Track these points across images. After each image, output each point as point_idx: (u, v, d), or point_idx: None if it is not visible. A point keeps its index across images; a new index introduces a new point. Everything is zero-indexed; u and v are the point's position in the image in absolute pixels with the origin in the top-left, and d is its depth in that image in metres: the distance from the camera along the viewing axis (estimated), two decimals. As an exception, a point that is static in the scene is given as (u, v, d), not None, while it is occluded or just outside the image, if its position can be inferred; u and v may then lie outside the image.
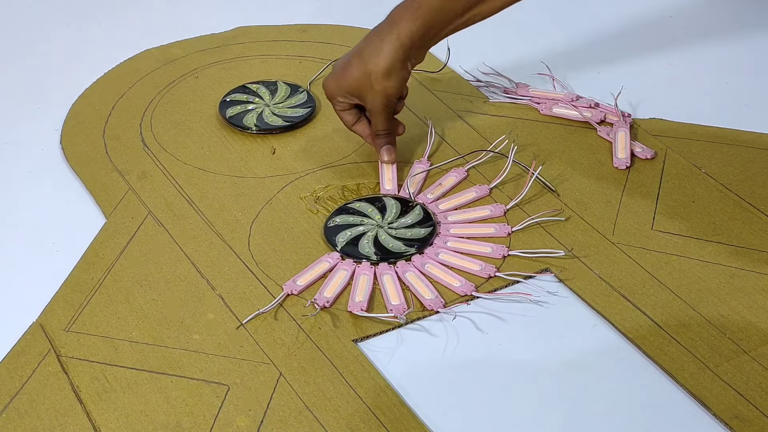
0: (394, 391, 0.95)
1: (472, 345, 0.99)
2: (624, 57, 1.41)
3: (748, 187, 1.16)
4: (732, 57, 1.41)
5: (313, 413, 0.93)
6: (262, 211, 1.15)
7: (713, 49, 1.43)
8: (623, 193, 1.16)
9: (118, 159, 1.24)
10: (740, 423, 0.91)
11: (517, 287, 1.05)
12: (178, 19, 1.53)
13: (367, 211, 1.14)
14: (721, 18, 1.50)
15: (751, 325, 0.99)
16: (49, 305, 1.04)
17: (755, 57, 1.41)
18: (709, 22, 1.49)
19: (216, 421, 0.92)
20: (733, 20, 1.49)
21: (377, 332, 1.01)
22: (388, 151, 1.18)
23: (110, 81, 1.38)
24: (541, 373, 0.97)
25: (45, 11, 1.56)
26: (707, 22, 1.49)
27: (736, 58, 1.41)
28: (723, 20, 1.49)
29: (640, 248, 1.08)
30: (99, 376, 0.96)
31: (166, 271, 1.08)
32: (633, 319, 1.01)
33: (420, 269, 1.07)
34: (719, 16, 1.50)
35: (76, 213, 1.17)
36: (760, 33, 1.46)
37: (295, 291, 1.04)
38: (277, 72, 1.38)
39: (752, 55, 1.42)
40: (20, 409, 0.94)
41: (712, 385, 0.94)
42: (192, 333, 1.01)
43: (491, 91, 1.34)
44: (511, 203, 1.14)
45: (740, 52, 1.42)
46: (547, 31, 1.47)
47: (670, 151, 1.21)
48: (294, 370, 0.97)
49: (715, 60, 1.41)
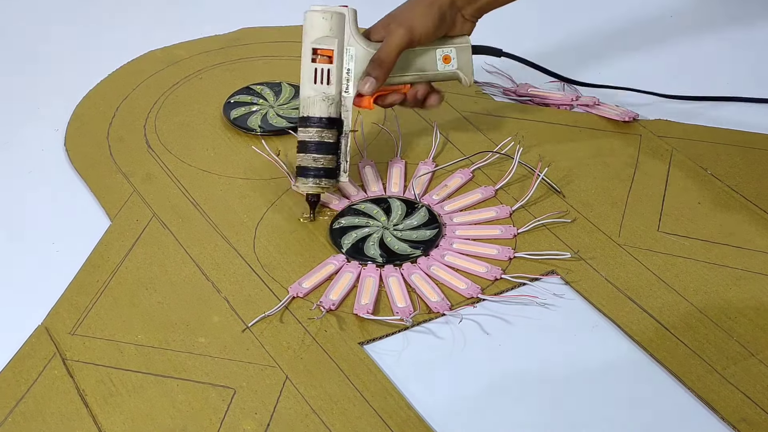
0: (400, 394, 0.94)
1: (478, 347, 0.99)
2: (624, 57, 1.41)
3: (754, 188, 1.16)
4: (732, 57, 1.41)
5: (320, 416, 0.92)
6: (267, 213, 1.15)
7: (714, 48, 1.43)
8: (629, 194, 1.16)
9: (123, 161, 1.24)
10: (748, 426, 0.90)
11: (523, 289, 1.05)
12: (182, 20, 1.53)
13: (372, 213, 1.14)
14: (721, 18, 1.50)
15: (758, 328, 0.99)
16: (54, 308, 1.04)
17: (756, 56, 1.41)
18: (710, 21, 1.49)
19: (222, 424, 0.92)
20: (734, 20, 1.49)
21: (383, 335, 1.00)
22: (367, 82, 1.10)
23: (114, 82, 1.38)
24: (548, 375, 0.96)
25: (47, 11, 1.56)
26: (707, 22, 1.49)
27: (737, 57, 1.41)
28: (723, 20, 1.49)
29: (646, 250, 1.08)
30: (104, 380, 0.96)
31: (172, 274, 1.07)
32: (640, 322, 1.00)
33: (426, 271, 1.07)
34: (719, 16, 1.50)
35: (77, 214, 1.17)
36: (761, 33, 1.46)
37: (301, 293, 1.04)
38: (281, 73, 1.38)
39: (753, 55, 1.41)
40: (26, 413, 0.94)
41: (719, 387, 0.94)
42: (197, 336, 1.00)
43: (492, 92, 1.33)
44: (517, 205, 1.14)
45: (741, 51, 1.42)
46: (547, 30, 1.47)
47: (675, 153, 1.21)
48: (300, 373, 0.96)
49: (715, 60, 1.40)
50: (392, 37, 1.09)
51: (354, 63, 1.10)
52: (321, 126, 1.09)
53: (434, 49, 1.12)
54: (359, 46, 1.09)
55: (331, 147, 1.10)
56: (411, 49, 1.11)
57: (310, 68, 1.09)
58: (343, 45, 1.09)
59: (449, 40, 1.13)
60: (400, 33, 1.08)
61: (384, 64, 1.09)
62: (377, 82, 1.09)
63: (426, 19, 1.09)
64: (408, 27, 1.08)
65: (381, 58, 1.09)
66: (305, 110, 1.10)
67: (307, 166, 1.10)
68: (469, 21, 1.13)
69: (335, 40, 1.09)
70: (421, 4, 1.10)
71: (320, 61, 1.09)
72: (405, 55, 1.11)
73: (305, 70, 1.10)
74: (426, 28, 1.09)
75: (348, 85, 1.10)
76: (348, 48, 1.09)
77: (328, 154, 1.10)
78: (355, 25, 1.10)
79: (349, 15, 1.09)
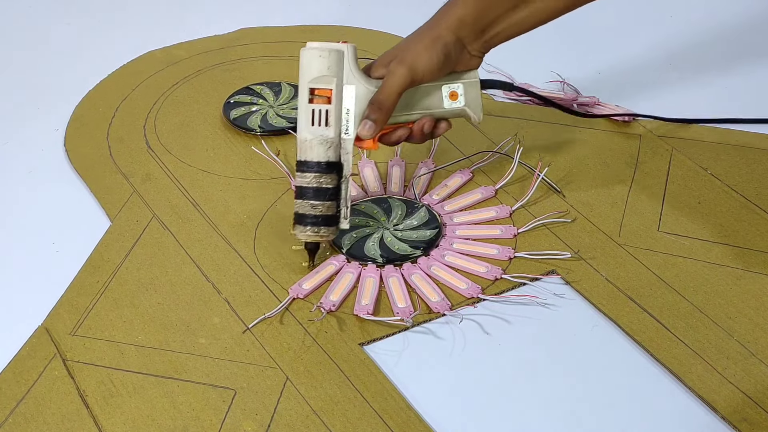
0: (400, 395, 0.94)
1: (478, 348, 0.99)
2: (624, 57, 1.41)
3: (754, 188, 1.16)
4: (733, 57, 1.41)
5: (320, 417, 0.92)
6: (268, 214, 1.15)
7: (714, 48, 1.43)
8: (629, 194, 1.16)
9: (122, 161, 1.24)
10: (749, 426, 0.90)
11: (523, 289, 1.05)
12: (181, 20, 1.53)
13: (372, 213, 1.14)
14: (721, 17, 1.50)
15: (758, 327, 0.99)
16: (55, 309, 1.04)
17: (756, 56, 1.41)
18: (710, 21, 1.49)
19: (223, 425, 0.92)
20: (734, 20, 1.49)
21: (383, 335, 1.00)
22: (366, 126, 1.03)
23: (113, 83, 1.38)
24: (549, 375, 0.96)
25: (46, 12, 1.56)
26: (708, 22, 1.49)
27: (738, 57, 1.41)
28: (723, 20, 1.49)
29: (646, 250, 1.08)
30: (105, 381, 0.96)
31: (172, 275, 1.07)
32: (640, 321, 1.00)
33: (426, 271, 1.07)
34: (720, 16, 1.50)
35: (77, 214, 1.17)
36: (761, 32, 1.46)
37: (301, 295, 1.04)
38: (280, 73, 1.38)
39: (753, 55, 1.41)
40: (26, 414, 0.94)
41: (720, 387, 0.94)
42: (198, 337, 1.00)
43: (492, 92, 1.33)
44: (517, 204, 1.14)
45: (741, 51, 1.42)
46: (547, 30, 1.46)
47: (675, 152, 1.21)
48: (300, 374, 0.96)
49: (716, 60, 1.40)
50: (392, 78, 1.01)
51: (354, 103, 1.03)
52: (319, 171, 1.02)
53: (440, 86, 1.05)
54: (360, 84, 1.02)
55: (330, 193, 1.03)
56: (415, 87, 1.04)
57: (307, 109, 1.02)
58: (342, 84, 1.02)
59: (456, 75, 1.06)
60: (400, 73, 1.01)
61: (384, 106, 1.02)
62: (376, 126, 1.03)
63: (429, 57, 1.01)
64: (409, 66, 1.01)
65: (380, 100, 1.02)
66: (302, 154, 1.03)
67: (305, 213, 1.03)
68: (476, 57, 1.05)
69: (333, 79, 1.01)
70: (424, 41, 1.02)
71: (318, 101, 1.02)
72: (409, 92, 1.04)
73: (302, 112, 1.02)
74: (429, 67, 1.02)
75: (348, 126, 1.03)
76: (347, 87, 1.02)
77: (327, 201, 1.03)
78: (354, 62, 1.03)
79: (348, 52, 1.02)
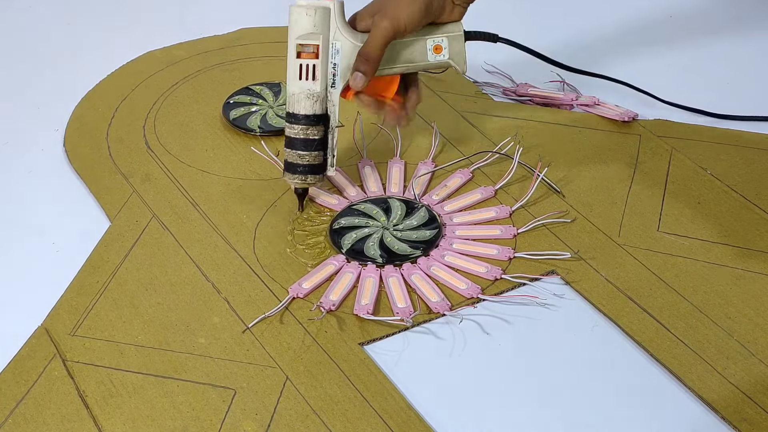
0: (400, 395, 0.94)
1: (478, 348, 0.99)
2: (624, 57, 1.41)
3: (753, 188, 1.16)
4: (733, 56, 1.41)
5: (320, 417, 0.92)
6: (267, 214, 1.15)
7: (714, 48, 1.43)
8: (629, 194, 1.16)
9: (122, 161, 1.24)
10: (749, 426, 0.90)
11: (523, 290, 1.05)
12: (181, 20, 1.53)
13: (372, 213, 1.14)
14: (721, 17, 1.50)
15: (758, 327, 0.99)
16: (54, 309, 1.04)
17: (757, 56, 1.41)
18: (710, 21, 1.49)
19: (223, 425, 0.92)
20: (734, 19, 1.49)
21: (383, 335, 1.00)
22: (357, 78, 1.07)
23: (113, 83, 1.38)
24: (548, 375, 0.96)
25: (46, 12, 1.56)
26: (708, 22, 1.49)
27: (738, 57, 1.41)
28: (724, 20, 1.49)
29: (646, 250, 1.08)
30: (105, 381, 0.96)
31: (171, 275, 1.07)
32: (640, 321, 1.00)
33: (426, 271, 1.07)
34: (720, 16, 1.50)
35: (77, 214, 1.17)
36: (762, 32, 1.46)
37: (301, 294, 1.04)
38: (280, 73, 1.37)
39: (754, 55, 1.41)
40: (26, 414, 0.94)
41: (719, 387, 0.94)
42: (198, 337, 1.00)
43: (492, 92, 1.33)
44: (517, 205, 1.14)
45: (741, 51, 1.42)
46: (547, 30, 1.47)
47: (675, 153, 1.21)
48: (300, 374, 0.96)
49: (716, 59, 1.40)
50: (376, 30, 1.06)
51: (340, 57, 1.08)
52: (307, 123, 1.08)
53: (424, 39, 1.09)
54: (345, 40, 1.07)
55: (317, 143, 1.09)
56: (399, 40, 1.08)
57: (295, 64, 1.08)
58: (328, 40, 1.08)
59: (440, 28, 1.09)
60: (384, 26, 1.05)
61: (370, 58, 1.06)
62: (366, 77, 1.07)
63: (411, 7, 1.05)
64: (392, 18, 1.05)
65: (367, 52, 1.06)
66: (291, 107, 1.09)
67: (294, 162, 1.09)
68: (458, 6, 1.09)
69: (320, 36, 1.07)
70: None
71: (305, 56, 1.07)
72: (393, 46, 1.08)
73: (291, 67, 1.08)
74: (411, 18, 1.06)
75: (335, 79, 1.08)
76: (334, 42, 1.07)
77: (314, 151, 1.09)
78: (341, 17, 1.07)
79: (334, 8, 1.07)
